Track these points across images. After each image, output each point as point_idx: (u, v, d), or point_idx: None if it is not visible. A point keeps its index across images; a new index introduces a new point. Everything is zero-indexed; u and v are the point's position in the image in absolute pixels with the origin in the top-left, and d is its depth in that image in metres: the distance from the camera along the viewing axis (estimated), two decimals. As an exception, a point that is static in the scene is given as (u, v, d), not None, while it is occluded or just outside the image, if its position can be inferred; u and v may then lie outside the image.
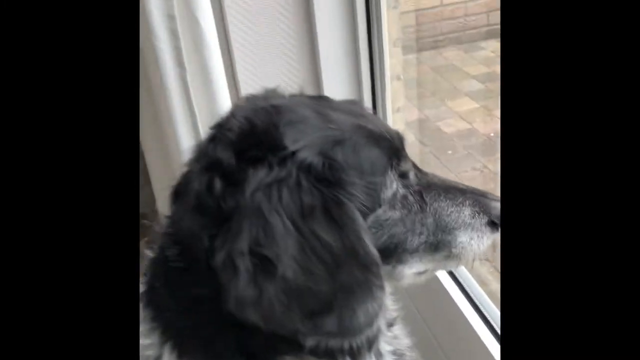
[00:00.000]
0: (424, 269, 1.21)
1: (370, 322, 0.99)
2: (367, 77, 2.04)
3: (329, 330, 0.95)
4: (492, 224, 1.22)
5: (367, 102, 2.06)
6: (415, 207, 1.17)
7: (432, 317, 1.93)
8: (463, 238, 1.20)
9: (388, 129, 1.16)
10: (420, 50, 4.60)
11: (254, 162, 0.97)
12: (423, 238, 1.17)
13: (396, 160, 1.13)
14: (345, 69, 2.04)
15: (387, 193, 1.10)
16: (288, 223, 0.93)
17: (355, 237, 0.98)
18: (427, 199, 1.19)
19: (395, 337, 1.33)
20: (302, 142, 1.02)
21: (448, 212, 1.20)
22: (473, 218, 1.21)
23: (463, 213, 1.21)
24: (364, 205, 1.06)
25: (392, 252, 1.15)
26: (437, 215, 1.19)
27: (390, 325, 1.32)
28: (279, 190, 0.94)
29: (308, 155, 1.01)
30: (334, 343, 0.98)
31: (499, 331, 1.60)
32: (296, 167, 0.98)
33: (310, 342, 0.97)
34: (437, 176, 1.26)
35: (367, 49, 1.99)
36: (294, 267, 0.91)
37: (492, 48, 4.65)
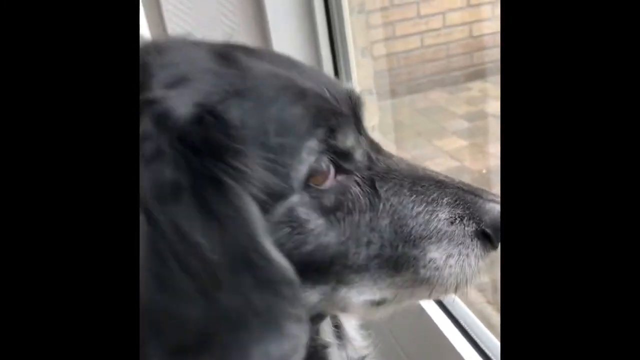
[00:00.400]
0: (380, 297, 0.85)
1: None
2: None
3: None
4: (483, 236, 0.85)
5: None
6: (362, 203, 0.81)
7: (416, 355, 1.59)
8: (436, 254, 0.83)
9: (332, 86, 0.83)
10: (403, 93, 4.44)
11: None
12: (374, 249, 0.81)
13: (327, 127, 0.77)
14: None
15: (301, 170, 0.75)
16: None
17: (245, 237, 0.67)
18: (382, 192, 0.83)
19: None
20: (178, 90, 0.71)
21: (413, 213, 0.84)
22: (453, 224, 0.84)
23: (437, 216, 0.84)
24: (264, 190, 0.72)
25: (327, 268, 0.80)
26: (395, 217, 0.83)
27: None
28: None
29: (177, 105, 0.69)
30: None
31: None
32: (154, 121, 0.68)
33: None
34: (405, 161, 0.90)
35: (330, 57, 1.77)
36: (144, 278, 0.62)
37: (479, 88, 4.48)
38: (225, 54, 0.79)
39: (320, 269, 0.79)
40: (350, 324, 1.03)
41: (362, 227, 0.80)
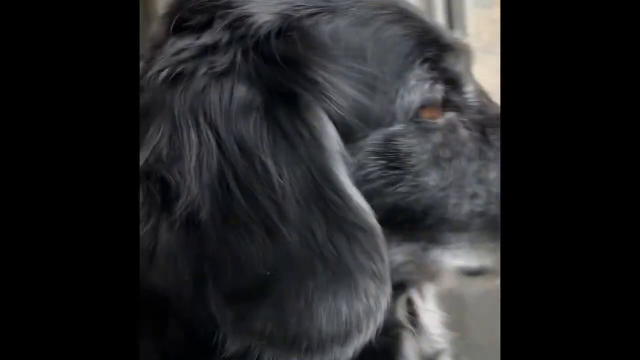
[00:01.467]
0: (478, 264, 0.74)
1: (342, 334, 0.59)
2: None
3: (258, 329, 0.58)
4: None
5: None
6: (470, 148, 0.72)
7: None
8: None
9: (438, 24, 0.76)
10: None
11: (178, 28, 0.66)
12: (479, 205, 0.71)
13: (436, 51, 0.69)
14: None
15: (411, 99, 0.67)
16: (205, 128, 0.59)
17: (318, 163, 0.60)
18: (493, 140, 0.72)
19: None
20: (259, 4, 0.66)
21: None
22: None
23: None
24: (356, 113, 0.65)
25: (420, 219, 0.70)
26: None
27: None
28: (191, 77, 0.61)
29: (258, 13, 0.65)
30: (270, 354, 0.60)
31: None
32: (229, 29, 0.64)
33: (232, 345, 0.60)
34: None
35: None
36: (206, 204, 0.58)
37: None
38: None
39: (412, 219, 0.70)
40: (430, 315, 0.91)
41: (468, 176, 0.71)
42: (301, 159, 0.59)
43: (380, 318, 0.61)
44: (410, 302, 0.86)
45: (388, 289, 0.61)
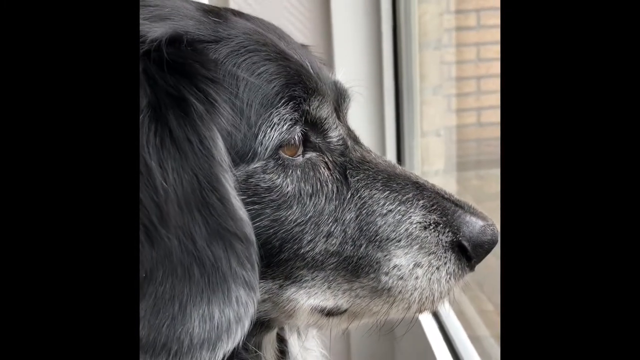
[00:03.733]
0: (332, 304, 0.75)
1: (211, 340, 0.59)
2: (391, 130, 1.64)
3: None
4: (459, 250, 0.75)
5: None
6: (328, 188, 0.74)
7: None
8: (402, 260, 0.74)
9: (317, 65, 0.78)
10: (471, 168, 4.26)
11: None
12: (333, 244, 0.73)
13: (302, 93, 0.72)
14: (368, 124, 1.66)
15: (271, 137, 0.69)
16: None
17: (205, 171, 0.61)
18: (352, 181, 0.76)
19: None
20: (156, 23, 0.68)
21: (383, 210, 0.75)
22: (426, 230, 0.75)
23: (409, 218, 0.75)
24: (231, 136, 0.67)
25: (276, 254, 0.71)
26: (363, 211, 0.75)
27: None
28: None
29: (152, 31, 0.66)
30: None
31: None
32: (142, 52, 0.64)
33: None
34: (383, 157, 0.82)
35: (393, 91, 1.62)
36: None
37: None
38: (214, 10, 0.77)
39: (269, 255, 0.70)
40: (307, 353, 0.92)
41: (324, 214, 0.73)
42: (189, 166, 0.59)
43: (247, 324, 0.61)
44: (282, 341, 0.85)
45: (256, 297, 0.62)
